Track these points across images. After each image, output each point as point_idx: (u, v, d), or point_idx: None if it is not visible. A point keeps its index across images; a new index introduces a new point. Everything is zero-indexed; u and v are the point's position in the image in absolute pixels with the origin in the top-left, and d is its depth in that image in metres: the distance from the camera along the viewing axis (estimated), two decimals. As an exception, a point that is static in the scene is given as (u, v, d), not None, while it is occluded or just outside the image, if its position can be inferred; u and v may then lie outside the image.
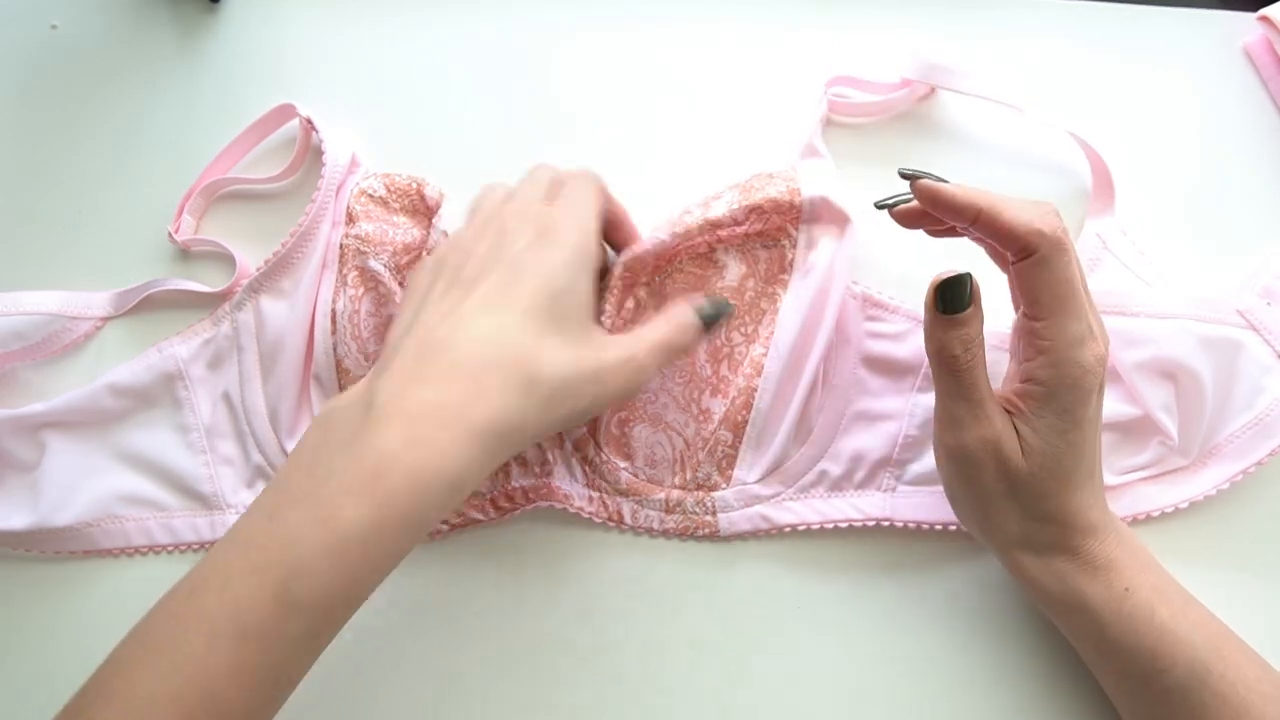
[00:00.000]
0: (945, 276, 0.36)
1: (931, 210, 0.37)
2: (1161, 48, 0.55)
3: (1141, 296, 0.45)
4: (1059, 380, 0.36)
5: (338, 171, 0.47)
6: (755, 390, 0.43)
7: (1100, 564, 0.38)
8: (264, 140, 0.51)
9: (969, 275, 0.36)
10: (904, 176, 0.37)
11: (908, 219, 0.39)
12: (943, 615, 0.44)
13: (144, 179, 0.51)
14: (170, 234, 0.49)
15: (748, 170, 0.46)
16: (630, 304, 0.44)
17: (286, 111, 0.50)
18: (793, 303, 0.44)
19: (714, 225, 0.43)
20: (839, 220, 0.44)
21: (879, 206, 0.40)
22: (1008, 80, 0.52)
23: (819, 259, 0.43)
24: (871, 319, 0.46)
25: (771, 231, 0.44)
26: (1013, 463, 0.37)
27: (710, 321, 0.40)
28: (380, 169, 0.50)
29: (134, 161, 0.52)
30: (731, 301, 0.44)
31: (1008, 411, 0.38)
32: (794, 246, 0.44)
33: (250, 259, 0.49)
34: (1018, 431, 0.37)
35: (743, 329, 0.44)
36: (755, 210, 0.43)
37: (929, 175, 0.36)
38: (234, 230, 0.50)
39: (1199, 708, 0.36)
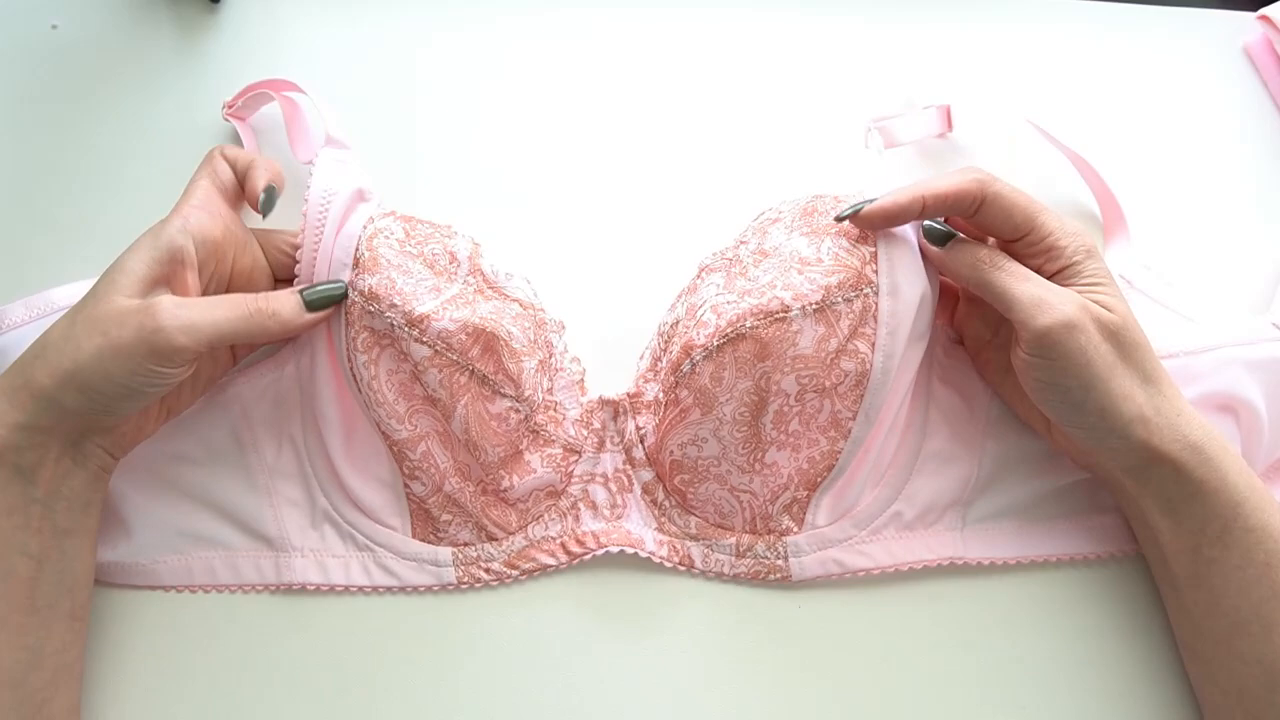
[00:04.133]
0: (927, 226, 0.40)
1: (886, 226, 0.40)
2: (1161, 48, 0.56)
3: (1175, 337, 0.44)
4: (1085, 243, 0.39)
5: (324, 211, 0.41)
6: (840, 453, 0.41)
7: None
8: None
9: (932, 223, 0.41)
10: (840, 219, 0.40)
11: (870, 223, 0.40)
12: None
13: (144, 179, 0.51)
14: (225, 105, 0.50)
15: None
16: (684, 369, 0.41)
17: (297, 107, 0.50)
18: (883, 361, 0.39)
19: (803, 262, 0.40)
20: (916, 256, 0.40)
21: (839, 219, 0.40)
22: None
23: (902, 308, 0.39)
24: (942, 358, 0.45)
25: (851, 281, 0.39)
26: (1106, 316, 0.37)
27: (315, 304, 0.40)
28: (381, 174, 0.50)
29: (134, 161, 0.51)
30: (341, 289, 0.40)
31: None
32: (877, 295, 0.39)
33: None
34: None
35: (816, 387, 0.40)
36: (829, 231, 0.40)
37: (859, 204, 0.40)
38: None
39: None
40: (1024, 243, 0.39)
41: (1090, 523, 0.44)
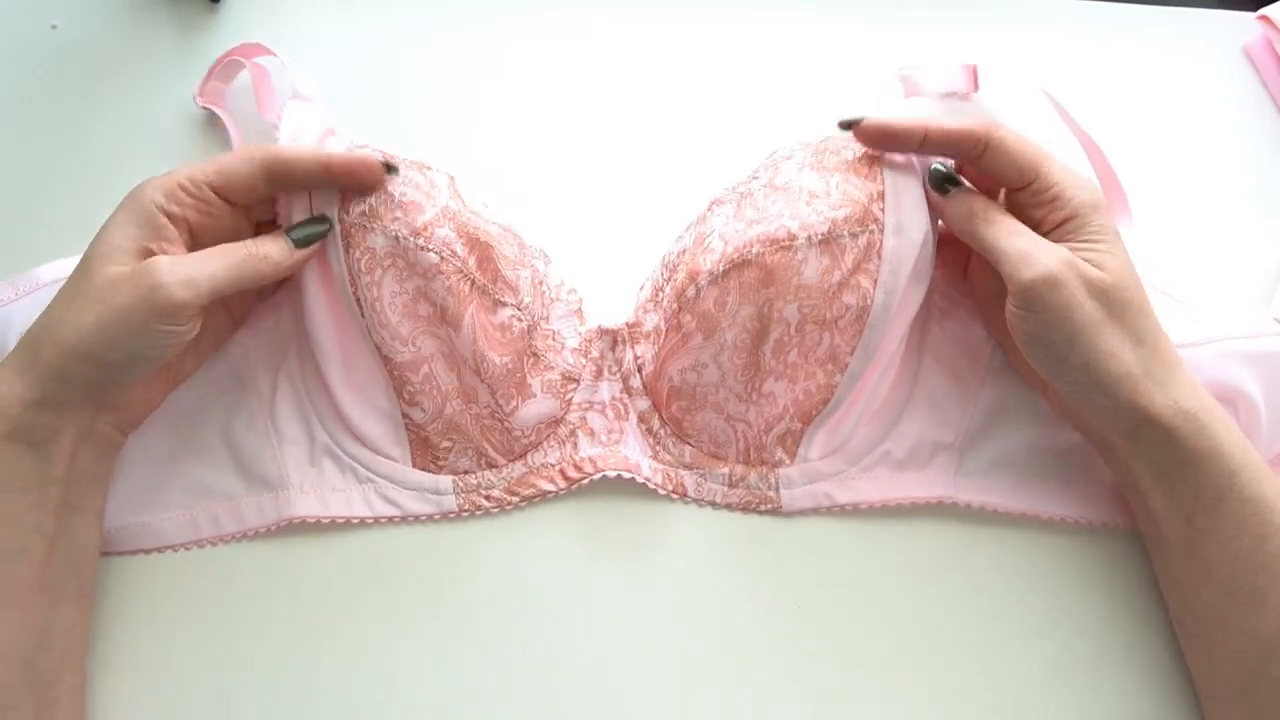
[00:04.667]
0: (933, 170, 0.41)
1: (885, 145, 0.40)
2: (1161, 48, 0.56)
3: (1174, 329, 0.43)
4: (1090, 198, 0.39)
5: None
6: (836, 386, 0.42)
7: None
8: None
9: (942, 164, 0.41)
10: (843, 126, 0.40)
11: (869, 136, 0.40)
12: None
13: (144, 179, 0.51)
14: (195, 97, 0.51)
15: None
16: (688, 293, 0.42)
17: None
18: (884, 299, 0.40)
19: (811, 195, 0.40)
20: (921, 198, 0.40)
21: (844, 126, 0.41)
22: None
23: (905, 247, 0.40)
24: (942, 305, 0.46)
25: (858, 216, 0.40)
26: (1095, 275, 0.37)
27: (303, 242, 0.40)
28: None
29: (134, 161, 0.51)
30: (326, 225, 0.40)
31: None
32: (882, 232, 0.40)
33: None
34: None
35: (817, 318, 0.40)
36: (839, 168, 0.41)
37: (863, 115, 0.40)
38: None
39: None
40: (1029, 191, 0.39)
41: (1086, 491, 0.44)
